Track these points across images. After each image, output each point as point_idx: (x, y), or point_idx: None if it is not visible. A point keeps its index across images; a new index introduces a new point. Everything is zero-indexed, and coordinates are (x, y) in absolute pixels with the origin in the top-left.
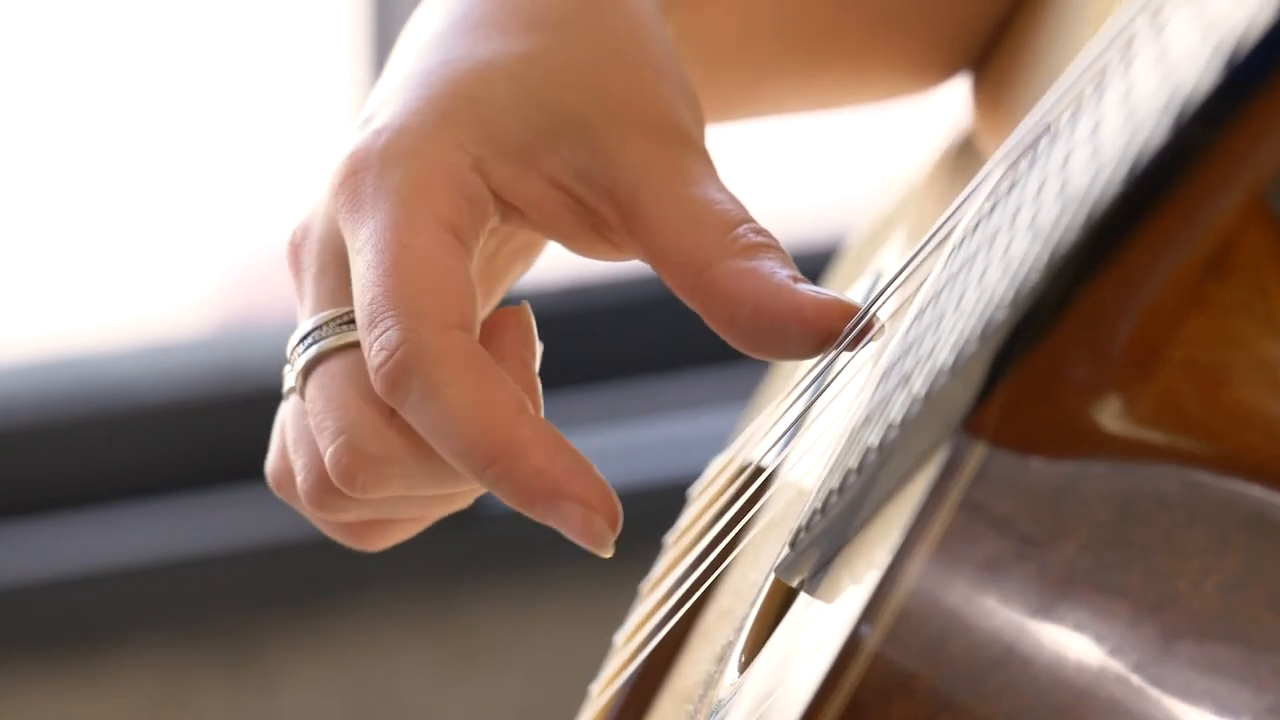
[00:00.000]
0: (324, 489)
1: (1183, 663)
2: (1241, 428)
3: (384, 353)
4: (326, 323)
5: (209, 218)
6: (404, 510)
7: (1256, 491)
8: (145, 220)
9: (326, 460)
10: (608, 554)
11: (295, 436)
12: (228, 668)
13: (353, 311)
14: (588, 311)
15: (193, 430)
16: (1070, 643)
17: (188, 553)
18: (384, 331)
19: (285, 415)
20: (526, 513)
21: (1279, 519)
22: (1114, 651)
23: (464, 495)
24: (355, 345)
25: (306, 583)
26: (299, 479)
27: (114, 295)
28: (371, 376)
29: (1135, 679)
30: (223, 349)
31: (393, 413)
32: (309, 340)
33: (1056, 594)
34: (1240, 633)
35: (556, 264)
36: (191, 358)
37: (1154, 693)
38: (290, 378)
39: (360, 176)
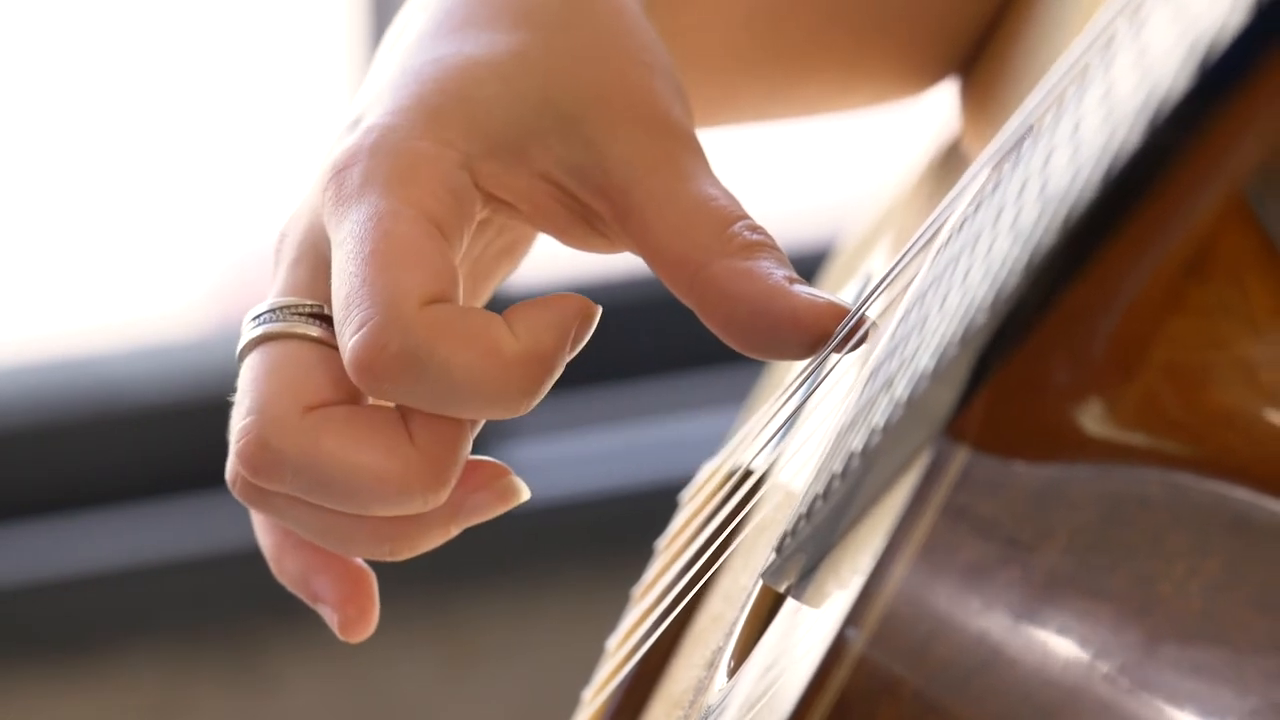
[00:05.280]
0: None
1: (1167, 665)
2: (1222, 429)
3: (358, 336)
4: (281, 308)
5: (207, 219)
6: (307, 523)
7: (1239, 493)
8: (144, 222)
9: (232, 437)
10: None
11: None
12: (228, 669)
13: (311, 306)
14: None
15: (192, 431)
16: (1055, 645)
17: (188, 554)
18: (359, 316)
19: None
20: None
21: (1261, 520)
22: (1099, 654)
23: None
24: (299, 337)
25: None
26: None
27: (113, 297)
28: (347, 367)
29: (1120, 681)
30: (221, 350)
31: (304, 412)
32: (259, 320)
33: (1040, 597)
34: (1224, 634)
35: (547, 266)
36: (190, 359)
37: (1139, 695)
38: (238, 350)
39: (346, 171)
